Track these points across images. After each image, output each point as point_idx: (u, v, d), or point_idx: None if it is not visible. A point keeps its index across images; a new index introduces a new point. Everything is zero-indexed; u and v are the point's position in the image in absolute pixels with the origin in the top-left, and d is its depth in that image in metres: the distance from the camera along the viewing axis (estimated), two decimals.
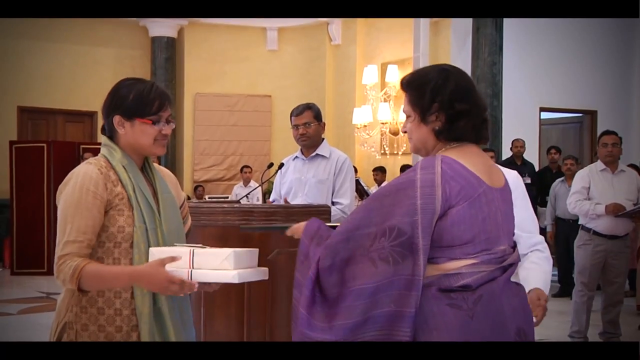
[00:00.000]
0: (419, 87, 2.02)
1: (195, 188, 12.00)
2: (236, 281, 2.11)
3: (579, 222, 5.94)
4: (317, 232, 2.04)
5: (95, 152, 1.73)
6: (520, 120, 10.19)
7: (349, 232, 1.93)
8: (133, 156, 2.25)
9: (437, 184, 1.87)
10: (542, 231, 8.85)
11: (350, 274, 1.89)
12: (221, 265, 2.09)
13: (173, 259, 2.04)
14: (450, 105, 1.97)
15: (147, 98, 2.23)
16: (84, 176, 2.16)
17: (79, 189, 2.13)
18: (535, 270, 2.61)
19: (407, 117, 2.06)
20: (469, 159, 1.95)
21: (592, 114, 11.25)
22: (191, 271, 2.07)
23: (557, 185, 8.39)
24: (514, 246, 2.05)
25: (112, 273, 2.10)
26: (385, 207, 1.89)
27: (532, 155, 9.77)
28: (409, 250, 1.84)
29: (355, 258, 1.89)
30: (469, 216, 1.90)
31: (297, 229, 2.12)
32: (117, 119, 2.23)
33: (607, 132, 5.95)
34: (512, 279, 2.07)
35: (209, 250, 2.13)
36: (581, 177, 5.91)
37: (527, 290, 2.23)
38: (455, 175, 1.90)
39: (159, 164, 10.01)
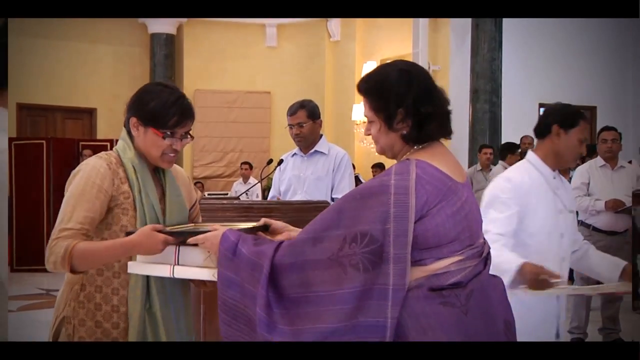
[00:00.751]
0: (380, 93, 1.95)
1: (195, 185, 11.99)
2: (214, 279, 2.03)
3: (579, 218, 5.92)
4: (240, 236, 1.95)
5: (95, 148, 1.72)
6: (519, 116, 10.16)
7: (317, 232, 1.86)
8: (145, 157, 2.25)
9: (411, 191, 1.83)
10: None
11: (317, 277, 1.83)
12: (205, 263, 2.04)
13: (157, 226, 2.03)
14: (416, 110, 1.91)
15: (166, 111, 2.19)
16: (91, 169, 2.17)
17: (85, 181, 2.14)
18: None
19: (370, 122, 2.00)
20: (439, 159, 1.93)
21: (591, 110, 11.23)
22: (173, 268, 2.04)
23: None
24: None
25: (105, 245, 2.08)
26: (356, 209, 1.84)
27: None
28: (379, 259, 1.80)
29: (322, 261, 1.83)
30: (450, 214, 1.88)
31: (211, 241, 1.98)
32: (133, 120, 2.22)
33: (606, 128, 5.94)
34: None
35: (195, 248, 2.05)
36: (580, 173, 5.90)
37: None
38: (430, 179, 1.87)
39: None
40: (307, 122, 4.27)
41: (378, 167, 10.44)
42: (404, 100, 1.91)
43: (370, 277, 1.79)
